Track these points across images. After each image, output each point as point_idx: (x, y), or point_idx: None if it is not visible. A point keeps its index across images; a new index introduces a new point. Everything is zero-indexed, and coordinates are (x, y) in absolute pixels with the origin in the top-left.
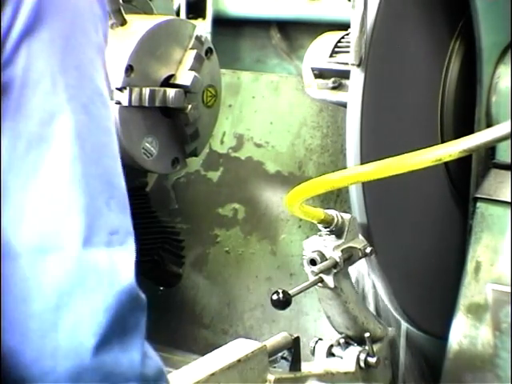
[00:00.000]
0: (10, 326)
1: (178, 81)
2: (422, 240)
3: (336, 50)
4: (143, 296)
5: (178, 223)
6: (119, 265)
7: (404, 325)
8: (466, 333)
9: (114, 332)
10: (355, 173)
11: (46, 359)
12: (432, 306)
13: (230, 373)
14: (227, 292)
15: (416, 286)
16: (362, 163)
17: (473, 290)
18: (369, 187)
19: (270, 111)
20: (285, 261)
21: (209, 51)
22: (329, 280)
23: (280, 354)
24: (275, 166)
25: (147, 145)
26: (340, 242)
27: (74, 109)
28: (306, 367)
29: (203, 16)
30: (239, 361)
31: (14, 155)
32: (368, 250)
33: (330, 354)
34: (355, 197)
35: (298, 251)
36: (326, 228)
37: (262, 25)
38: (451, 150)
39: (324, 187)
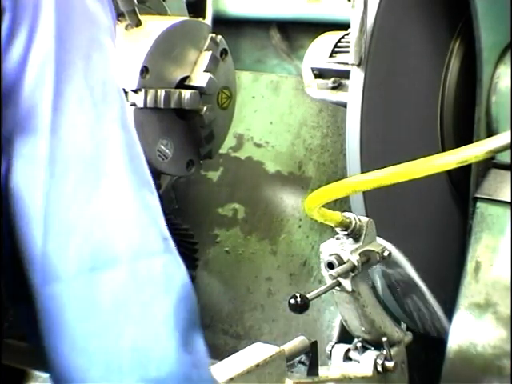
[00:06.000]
0: (72, 347)
1: (194, 82)
2: (422, 239)
3: (336, 49)
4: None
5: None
6: (173, 270)
7: (403, 325)
8: (466, 333)
9: (177, 339)
10: (377, 176)
11: (113, 375)
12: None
13: (249, 377)
14: (227, 292)
15: (415, 285)
16: (362, 163)
17: (473, 290)
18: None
19: (270, 111)
20: (285, 261)
21: (224, 52)
22: (346, 284)
23: (298, 359)
24: (275, 166)
25: (162, 147)
26: (358, 245)
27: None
28: (322, 371)
29: (203, 16)
30: (257, 366)
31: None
32: (386, 253)
33: (347, 358)
34: (355, 197)
35: (298, 251)
36: (343, 231)
37: (261, 25)
38: (477, 150)
39: (345, 191)
